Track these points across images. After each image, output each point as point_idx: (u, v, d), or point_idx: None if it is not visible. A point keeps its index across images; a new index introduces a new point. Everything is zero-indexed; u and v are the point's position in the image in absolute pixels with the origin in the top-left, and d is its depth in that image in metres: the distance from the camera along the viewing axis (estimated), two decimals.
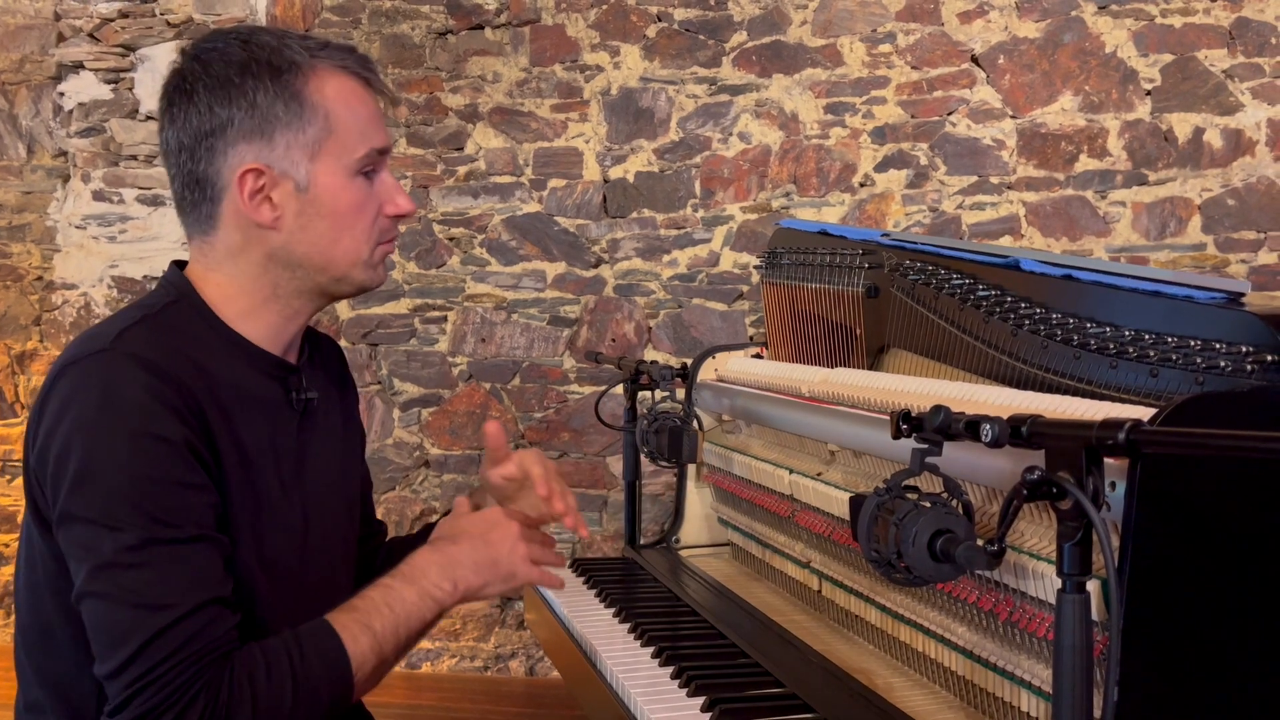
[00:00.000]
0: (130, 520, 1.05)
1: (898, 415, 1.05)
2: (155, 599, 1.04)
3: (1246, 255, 3.06)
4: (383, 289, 3.47)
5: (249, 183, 1.18)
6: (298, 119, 1.18)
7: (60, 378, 1.11)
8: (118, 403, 1.08)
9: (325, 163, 1.19)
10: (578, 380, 3.42)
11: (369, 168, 1.22)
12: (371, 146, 1.22)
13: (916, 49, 3.20)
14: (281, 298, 1.24)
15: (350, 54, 1.24)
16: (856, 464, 1.51)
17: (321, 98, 1.19)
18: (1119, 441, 0.82)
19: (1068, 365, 1.20)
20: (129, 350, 1.10)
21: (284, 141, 1.18)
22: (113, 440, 1.07)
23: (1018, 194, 3.16)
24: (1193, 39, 3.06)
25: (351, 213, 1.21)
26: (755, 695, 1.29)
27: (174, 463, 1.08)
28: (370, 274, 1.25)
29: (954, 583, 1.19)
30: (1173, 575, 0.92)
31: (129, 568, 1.04)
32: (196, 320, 1.21)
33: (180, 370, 1.12)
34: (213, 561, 1.09)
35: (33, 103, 3.60)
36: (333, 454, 1.33)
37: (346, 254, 1.22)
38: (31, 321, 3.61)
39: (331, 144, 1.19)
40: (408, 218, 1.28)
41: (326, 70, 1.20)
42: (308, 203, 1.19)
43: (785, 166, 3.28)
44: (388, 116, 3.34)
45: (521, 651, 3.46)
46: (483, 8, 3.42)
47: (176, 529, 1.06)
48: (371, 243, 1.24)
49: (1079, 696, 0.86)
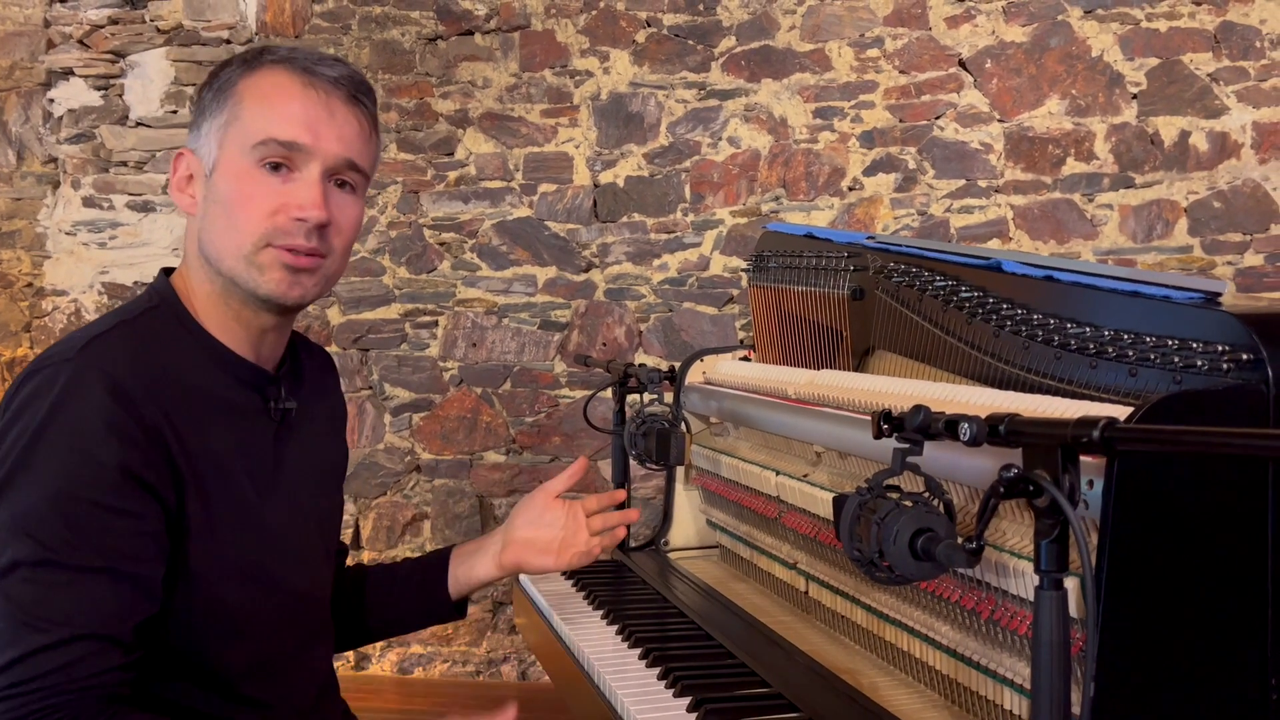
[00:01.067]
0: (37, 535, 1.04)
1: (879, 415, 1.05)
2: (38, 618, 1.03)
3: (1233, 257, 3.08)
4: (373, 294, 3.48)
5: (179, 168, 1.21)
6: (217, 106, 1.19)
7: (25, 381, 1.11)
8: (64, 417, 1.07)
9: (228, 149, 1.17)
10: (569, 384, 3.42)
11: (272, 159, 1.16)
12: (270, 135, 1.15)
13: (904, 53, 3.22)
14: (226, 300, 1.21)
15: (313, 55, 1.20)
16: (842, 465, 1.52)
17: (244, 87, 1.18)
18: (1094, 439, 0.82)
19: (1049, 365, 1.21)
20: (92, 362, 1.09)
21: (205, 128, 1.20)
22: (48, 453, 1.06)
23: (1005, 197, 3.18)
24: (1178, 43, 3.08)
25: (239, 201, 1.16)
26: (742, 695, 1.30)
27: (103, 487, 1.06)
28: (254, 275, 1.17)
29: (937, 581, 1.19)
30: (1150, 572, 0.93)
31: (22, 582, 1.04)
32: (174, 326, 1.20)
33: (144, 386, 1.10)
34: (111, 595, 1.06)
35: (22, 109, 3.60)
36: (311, 465, 1.32)
37: (228, 246, 1.17)
38: (21, 328, 3.61)
39: (234, 130, 1.17)
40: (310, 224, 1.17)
41: (269, 66, 1.19)
42: (210, 187, 1.19)
43: (774, 171, 3.30)
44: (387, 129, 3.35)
45: (513, 656, 3.46)
46: (472, 13, 3.43)
47: (80, 555, 1.05)
48: (256, 239, 1.16)
49: (1057, 693, 0.87)
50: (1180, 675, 0.95)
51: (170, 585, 1.13)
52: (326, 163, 1.18)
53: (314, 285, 1.20)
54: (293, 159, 1.17)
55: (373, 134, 1.25)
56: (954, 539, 1.01)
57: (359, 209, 1.25)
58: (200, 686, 1.18)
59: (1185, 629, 0.94)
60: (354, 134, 1.20)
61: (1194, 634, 0.95)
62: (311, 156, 1.17)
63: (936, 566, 1.01)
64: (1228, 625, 0.96)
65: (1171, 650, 0.94)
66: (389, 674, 3.47)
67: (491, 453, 3.45)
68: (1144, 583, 0.93)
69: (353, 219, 1.23)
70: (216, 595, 1.16)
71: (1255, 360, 0.98)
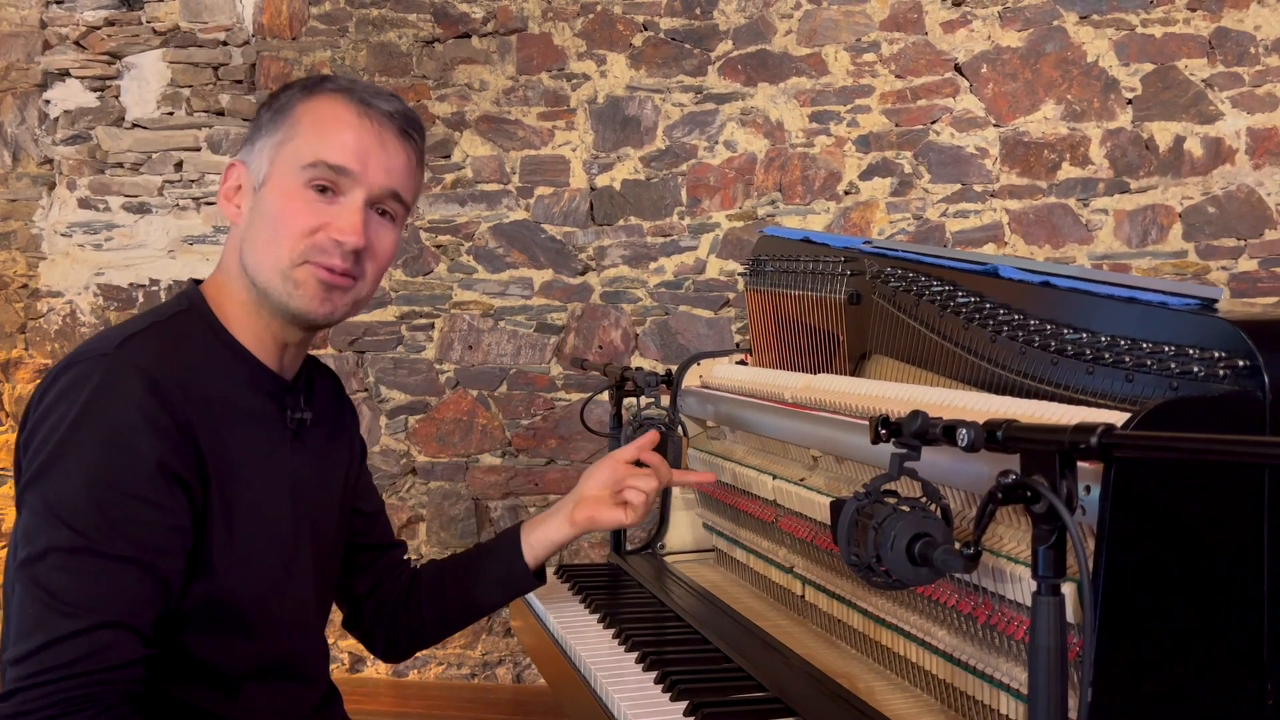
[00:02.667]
0: (72, 522, 1.06)
1: (876, 420, 1.06)
2: (66, 605, 1.04)
3: (1227, 262, 3.09)
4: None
5: (229, 178, 1.26)
6: (274, 125, 1.23)
7: (60, 374, 1.13)
8: (102, 407, 1.09)
9: (279, 166, 1.22)
10: (565, 387, 3.42)
11: (320, 181, 1.21)
12: (321, 158, 1.20)
13: (900, 58, 3.23)
14: (258, 310, 1.24)
15: (371, 88, 1.25)
16: (839, 469, 1.52)
17: (303, 110, 1.23)
18: (1092, 446, 0.83)
19: (1045, 370, 1.22)
20: (129, 359, 1.12)
21: (260, 144, 1.24)
22: (85, 442, 1.08)
23: (1001, 202, 3.19)
24: (1173, 49, 3.09)
25: (283, 218, 1.20)
26: (738, 699, 1.30)
27: (138, 478, 1.09)
28: (289, 290, 1.21)
29: (933, 586, 1.20)
30: (1146, 578, 0.93)
31: (54, 568, 1.05)
32: (203, 330, 1.23)
33: (178, 384, 1.13)
34: (137, 587, 1.08)
35: (18, 110, 3.59)
36: (321, 478, 1.35)
37: (267, 260, 1.21)
38: (17, 329, 3.60)
39: (288, 149, 1.22)
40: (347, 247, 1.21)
41: (328, 92, 1.24)
42: (258, 200, 1.23)
43: (771, 174, 3.30)
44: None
45: (509, 659, 3.45)
46: (470, 16, 3.43)
47: (113, 545, 1.07)
48: (294, 255, 1.20)
49: (1054, 698, 0.87)
50: (1176, 681, 0.95)
51: (186, 582, 1.14)
52: (371, 191, 1.23)
53: (344, 304, 1.24)
54: (339, 183, 1.21)
55: (419, 168, 1.30)
56: (951, 544, 1.02)
57: (396, 237, 1.29)
58: (203, 686, 1.19)
59: (1182, 635, 0.95)
60: (401, 166, 1.25)
61: (1190, 640, 0.95)
62: (357, 183, 1.22)
63: (933, 571, 1.02)
64: (1224, 631, 0.96)
65: (1168, 656, 0.94)
66: (384, 676, 3.47)
67: (487, 455, 3.45)
68: (1141, 588, 0.93)
69: (389, 246, 1.27)
70: (227, 595, 1.18)
71: (1251, 367, 0.98)
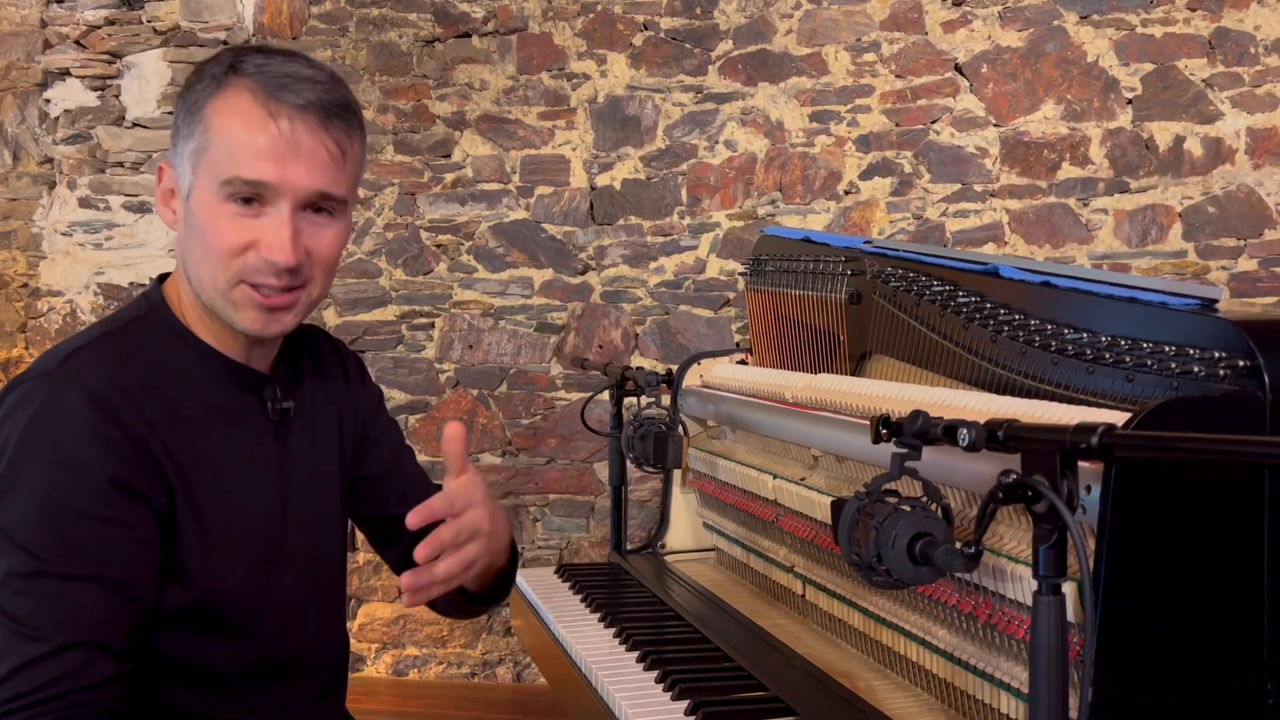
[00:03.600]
0: (28, 546, 1.05)
1: (877, 420, 1.06)
2: (31, 630, 1.03)
3: (1226, 262, 3.09)
4: (370, 296, 3.48)
5: (162, 180, 1.20)
6: (189, 128, 1.16)
7: (5, 396, 1.11)
8: (46, 428, 1.07)
9: (200, 177, 1.14)
10: (565, 387, 3.43)
11: (241, 195, 1.12)
12: (235, 174, 1.11)
13: (900, 58, 3.23)
14: (214, 315, 1.19)
15: (285, 75, 1.14)
16: (839, 469, 1.52)
17: (212, 111, 1.14)
18: (1093, 445, 0.83)
19: (1046, 370, 1.22)
20: (72, 375, 1.10)
21: (180, 149, 1.17)
22: (33, 464, 1.06)
23: (1001, 202, 3.19)
24: (1173, 48, 3.09)
25: (211, 234, 1.13)
26: (739, 699, 1.30)
27: (90, 496, 1.07)
28: (230, 312, 1.15)
29: (934, 586, 1.20)
30: (1147, 577, 0.94)
31: (15, 594, 1.04)
32: (163, 334, 1.20)
33: (126, 395, 1.11)
34: (102, 604, 1.06)
35: (19, 109, 3.59)
36: (315, 463, 1.32)
37: (205, 278, 1.15)
38: (17, 329, 3.60)
39: (205, 160, 1.14)
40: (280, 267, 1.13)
41: (235, 88, 1.14)
42: (189, 212, 1.17)
43: (771, 174, 3.30)
44: (376, 127, 3.35)
45: (508, 658, 3.46)
46: (470, 16, 3.43)
47: (72, 565, 1.05)
48: (228, 275, 1.14)
49: (1055, 697, 0.87)
50: (1177, 680, 0.95)
51: (163, 590, 1.13)
52: (296, 197, 1.14)
53: (293, 317, 1.18)
54: (262, 195, 1.13)
55: (349, 153, 1.17)
56: (952, 543, 1.02)
57: (338, 230, 1.19)
58: (193, 690, 1.18)
59: (1182, 634, 0.95)
60: (324, 162, 1.14)
61: (1190, 639, 0.95)
62: (279, 194, 1.13)
63: (934, 571, 1.02)
64: (1224, 630, 0.96)
65: (1168, 655, 0.95)
66: (384, 675, 3.47)
67: (488, 455, 3.45)
68: (1141, 588, 0.93)
69: (330, 243, 1.18)
70: (213, 598, 1.17)
71: (1252, 367, 0.98)
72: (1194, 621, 0.96)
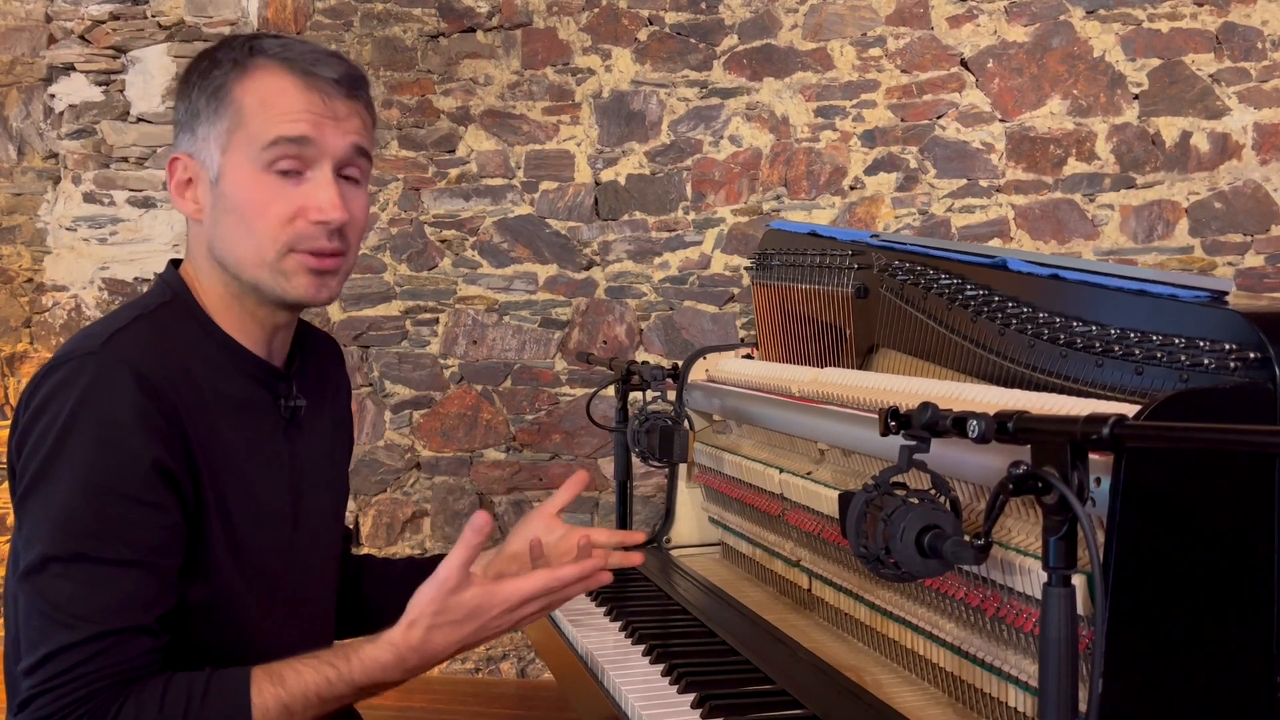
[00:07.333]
0: (69, 529, 1.05)
1: (886, 412, 1.06)
2: (69, 615, 1.04)
3: (1233, 258, 3.09)
4: (374, 291, 3.47)
5: (176, 172, 1.20)
6: (214, 112, 1.17)
7: (49, 375, 1.10)
8: (93, 409, 1.07)
9: (233, 155, 1.15)
10: (569, 382, 3.42)
11: (280, 161, 1.15)
12: (278, 134, 1.14)
13: (906, 53, 3.22)
14: (240, 299, 1.20)
15: (307, 52, 1.18)
16: (846, 463, 1.52)
17: (241, 91, 1.16)
18: (1103, 436, 0.83)
19: (1055, 364, 1.21)
20: (118, 355, 1.09)
21: (204, 134, 1.17)
22: (79, 445, 1.06)
23: (1006, 197, 3.18)
24: (1180, 43, 3.09)
25: (254, 210, 1.15)
26: (746, 692, 1.30)
27: (134, 479, 1.07)
28: (280, 282, 1.17)
29: (942, 579, 1.20)
30: (1157, 569, 0.93)
31: (55, 578, 1.05)
32: (189, 322, 1.20)
33: (167, 379, 1.11)
34: (140, 588, 1.07)
35: (23, 104, 3.59)
36: (320, 462, 1.33)
37: (249, 255, 1.16)
38: (21, 323, 3.60)
39: (240, 136, 1.15)
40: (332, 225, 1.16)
41: (263, 67, 1.16)
42: (219, 196, 1.17)
43: (776, 169, 3.30)
44: (380, 122, 3.35)
45: (513, 653, 3.46)
46: (474, 11, 3.43)
47: (112, 549, 1.06)
48: (278, 246, 1.15)
49: (1064, 690, 0.87)
50: (1187, 673, 0.95)
51: (184, 577, 1.13)
52: (337, 156, 1.17)
53: (338, 283, 1.21)
54: (303, 156, 1.15)
55: (374, 122, 1.26)
56: (961, 536, 1.01)
57: (367, 198, 1.25)
58: None
59: (1192, 626, 0.95)
60: (358, 127, 1.20)
61: (1200, 631, 0.95)
62: (322, 152, 1.16)
63: (943, 563, 1.02)
64: (1234, 623, 0.96)
65: (1178, 647, 0.94)
66: None
67: (492, 450, 3.46)
68: (1151, 580, 0.93)
69: (363, 209, 1.23)
70: (225, 589, 1.17)
71: (1262, 359, 0.98)
72: (1204, 614, 0.95)
